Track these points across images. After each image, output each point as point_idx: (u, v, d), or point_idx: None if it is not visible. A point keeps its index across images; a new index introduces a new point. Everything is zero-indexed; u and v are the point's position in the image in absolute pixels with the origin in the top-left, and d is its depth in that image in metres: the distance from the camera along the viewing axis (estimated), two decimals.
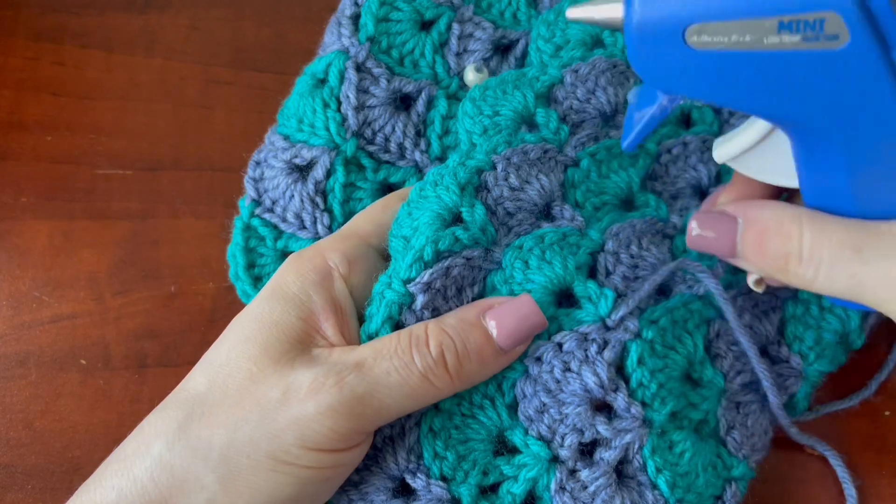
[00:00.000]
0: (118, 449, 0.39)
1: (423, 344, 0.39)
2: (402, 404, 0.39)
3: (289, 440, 0.37)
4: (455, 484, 0.41)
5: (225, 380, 0.39)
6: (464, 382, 0.40)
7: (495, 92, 0.49)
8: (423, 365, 0.38)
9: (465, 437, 0.42)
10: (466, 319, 0.41)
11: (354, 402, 0.37)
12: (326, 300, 0.41)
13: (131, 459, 0.38)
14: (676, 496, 0.42)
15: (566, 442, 0.42)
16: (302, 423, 0.37)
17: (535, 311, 0.41)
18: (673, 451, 0.43)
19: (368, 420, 0.38)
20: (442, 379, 0.39)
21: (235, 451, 0.37)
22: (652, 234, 0.47)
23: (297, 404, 0.37)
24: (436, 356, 0.39)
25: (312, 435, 0.37)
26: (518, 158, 0.46)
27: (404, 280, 0.41)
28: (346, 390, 0.37)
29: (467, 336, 0.40)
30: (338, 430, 0.37)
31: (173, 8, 0.62)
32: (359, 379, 0.38)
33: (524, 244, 0.44)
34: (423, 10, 0.53)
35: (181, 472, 0.37)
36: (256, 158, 0.52)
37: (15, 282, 0.54)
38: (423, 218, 0.43)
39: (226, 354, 0.40)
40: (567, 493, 0.41)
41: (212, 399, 0.38)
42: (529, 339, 0.42)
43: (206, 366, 0.41)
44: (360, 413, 0.37)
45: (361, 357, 0.39)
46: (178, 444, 0.37)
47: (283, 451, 0.37)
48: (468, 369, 0.40)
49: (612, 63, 0.51)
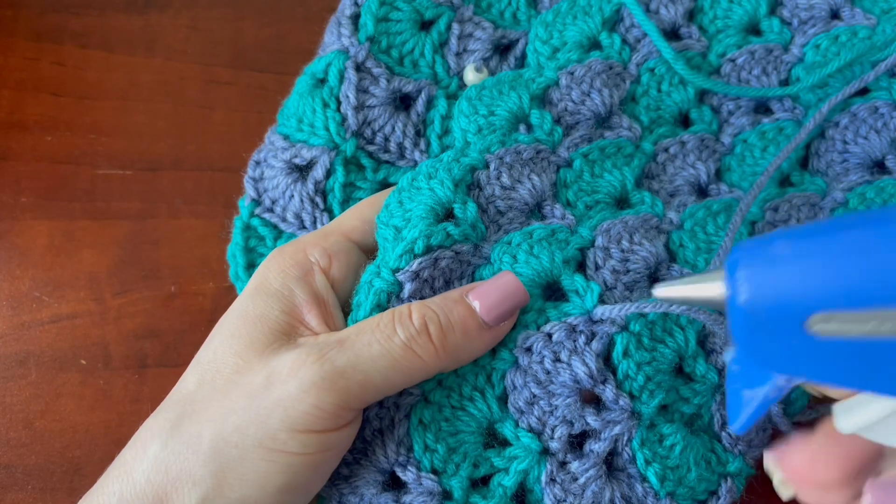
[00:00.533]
0: (119, 456, 0.39)
1: (405, 317, 0.39)
2: (387, 377, 0.38)
3: (275, 424, 0.36)
4: (446, 477, 0.41)
5: (213, 376, 0.39)
6: (449, 354, 0.40)
7: (491, 92, 0.49)
8: (405, 335, 0.38)
9: (456, 430, 0.42)
10: (449, 297, 0.41)
11: (336, 375, 0.37)
12: (308, 293, 0.41)
13: (130, 464, 0.38)
14: (667, 489, 0.42)
15: (556, 434, 0.42)
16: (286, 403, 0.37)
17: (516, 285, 0.41)
18: (663, 444, 0.43)
19: (353, 395, 0.37)
20: (426, 349, 0.39)
21: (224, 442, 0.37)
22: (645, 229, 0.47)
23: (280, 385, 0.37)
24: (419, 326, 0.39)
25: (297, 415, 0.36)
26: (511, 158, 0.46)
27: (393, 269, 0.42)
28: (327, 365, 0.37)
29: (451, 310, 0.40)
30: (322, 406, 0.37)
31: (173, 8, 0.62)
32: (339, 352, 0.38)
33: (513, 239, 0.44)
34: (423, 9, 0.53)
35: (175, 471, 0.37)
36: (256, 158, 0.52)
37: (15, 282, 0.54)
38: (416, 210, 0.43)
39: (213, 352, 0.40)
40: (557, 485, 0.41)
41: (201, 395, 0.39)
42: (513, 314, 0.42)
43: (195, 365, 0.41)
44: (344, 387, 0.37)
45: (344, 335, 0.39)
46: (171, 443, 0.37)
47: (270, 437, 0.36)
48: (452, 340, 0.39)
49: (607, 65, 0.51)
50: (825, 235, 0.28)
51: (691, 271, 0.46)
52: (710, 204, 0.48)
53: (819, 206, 0.50)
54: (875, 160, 0.50)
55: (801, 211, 0.49)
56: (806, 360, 0.29)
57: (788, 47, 0.53)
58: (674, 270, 0.46)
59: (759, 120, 0.52)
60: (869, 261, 0.26)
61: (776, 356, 0.29)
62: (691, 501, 0.43)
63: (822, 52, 0.52)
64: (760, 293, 0.28)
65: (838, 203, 0.49)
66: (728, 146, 0.52)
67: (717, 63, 0.54)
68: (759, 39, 0.54)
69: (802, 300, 0.27)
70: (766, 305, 0.28)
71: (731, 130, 0.52)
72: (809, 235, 0.28)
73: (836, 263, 0.27)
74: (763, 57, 0.53)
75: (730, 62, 0.53)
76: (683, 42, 0.53)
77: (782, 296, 0.28)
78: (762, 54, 0.53)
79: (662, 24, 0.53)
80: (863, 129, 0.50)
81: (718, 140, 0.52)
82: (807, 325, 0.27)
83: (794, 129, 0.51)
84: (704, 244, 0.47)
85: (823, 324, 0.27)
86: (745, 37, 0.54)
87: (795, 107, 0.52)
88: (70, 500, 0.49)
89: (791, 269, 0.28)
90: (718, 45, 0.54)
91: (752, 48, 0.53)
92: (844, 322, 0.27)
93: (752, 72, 0.53)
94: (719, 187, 0.51)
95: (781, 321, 0.28)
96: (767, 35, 0.54)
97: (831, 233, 0.28)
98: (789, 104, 0.52)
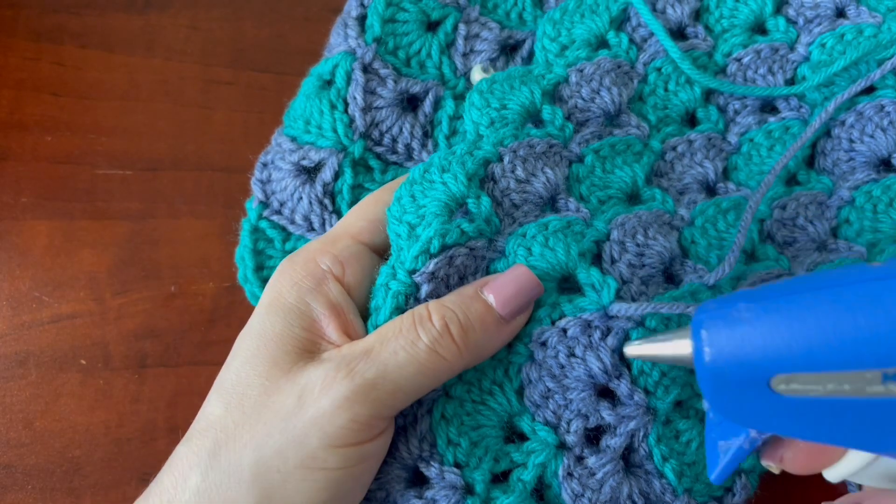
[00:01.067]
0: (154, 483, 0.39)
1: (426, 320, 0.39)
2: (416, 381, 0.38)
3: (313, 443, 0.36)
4: (469, 470, 0.41)
5: (240, 399, 0.39)
6: (472, 352, 0.40)
7: (503, 86, 0.49)
8: (428, 339, 0.38)
9: (477, 424, 0.42)
10: (465, 294, 0.41)
11: (368, 387, 0.37)
12: (325, 305, 0.41)
13: (171, 493, 0.37)
14: (684, 485, 0.42)
15: (572, 427, 0.42)
16: (322, 421, 0.37)
17: (529, 277, 0.42)
18: (679, 441, 0.43)
19: (385, 404, 0.38)
20: (449, 349, 0.39)
21: (265, 467, 0.36)
22: (659, 224, 0.47)
23: (313, 403, 0.37)
24: (440, 328, 0.39)
25: (334, 430, 0.36)
26: (524, 151, 0.46)
27: (409, 271, 0.42)
28: (358, 378, 0.37)
29: (468, 307, 0.40)
30: (357, 419, 0.37)
31: (173, 8, 0.62)
32: (368, 364, 0.38)
33: (527, 231, 0.44)
34: (430, 10, 0.54)
35: (219, 500, 0.37)
36: (263, 160, 0.52)
37: (15, 282, 0.54)
38: (430, 206, 0.43)
39: (235, 375, 0.40)
40: (575, 480, 0.41)
41: (233, 421, 0.38)
42: (528, 306, 0.42)
43: (218, 390, 0.40)
44: (376, 398, 0.37)
45: (368, 345, 0.39)
46: (212, 473, 0.37)
47: (310, 457, 0.36)
48: (473, 338, 0.40)
49: (616, 63, 0.51)
50: (783, 299, 0.29)
51: (704, 268, 0.46)
52: (719, 201, 0.49)
53: (826, 204, 0.50)
54: (881, 158, 0.51)
55: (808, 209, 0.50)
56: (772, 416, 0.30)
57: (794, 46, 0.54)
58: (687, 266, 0.46)
59: (765, 119, 0.53)
60: (823, 326, 0.27)
61: (743, 412, 0.31)
62: (708, 497, 0.44)
63: (828, 50, 0.52)
64: (723, 354, 0.30)
65: (845, 201, 0.50)
66: (735, 145, 0.52)
67: (723, 62, 0.54)
68: (765, 39, 0.54)
69: (763, 362, 0.29)
70: (729, 366, 0.29)
71: (737, 129, 0.53)
72: (769, 298, 0.30)
73: (794, 328, 0.28)
74: (769, 56, 0.53)
75: (736, 61, 0.54)
76: (690, 42, 0.53)
77: (744, 357, 0.29)
78: (768, 53, 0.53)
79: (669, 23, 0.54)
80: (869, 127, 0.50)
81: (725, 139, 0.52)
82: (770, 384, 0.29)
83: (801, 127, 0.51)
84: (716, 240, 0.47)
85: (785, 384, 0.29)
86: (751, 36, 0.54)
87: (801, 106, 0.52)
88: (70, 500, 0.49)
89: (751, 332, 0.29)
90: (724, 45, 0.54)
91: (758, 47, 0.54)
92: (805, 383, 0.28)
93: (758, 71, 0.53)
94: (727, 186, 0.51)
95: (745, 380, 0.29)
96: (773, 34, 0.54)
97: (789, 296, 0.29)
98: (795, 103, 0.53)
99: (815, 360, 0.28)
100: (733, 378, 0.30)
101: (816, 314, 0.28)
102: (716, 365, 0.30)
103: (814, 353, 0.28)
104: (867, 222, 0.49)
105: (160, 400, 0.51)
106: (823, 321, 0.28)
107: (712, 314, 0.31)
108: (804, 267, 0.47)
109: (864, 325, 0.27)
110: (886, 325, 0.26)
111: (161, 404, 0.51)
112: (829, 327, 0.27)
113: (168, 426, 0.51)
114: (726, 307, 0.31)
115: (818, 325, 0.28)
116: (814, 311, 0.28)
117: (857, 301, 0.27)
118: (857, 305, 0.27)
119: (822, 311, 0.28)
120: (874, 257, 0.48)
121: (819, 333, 0.28)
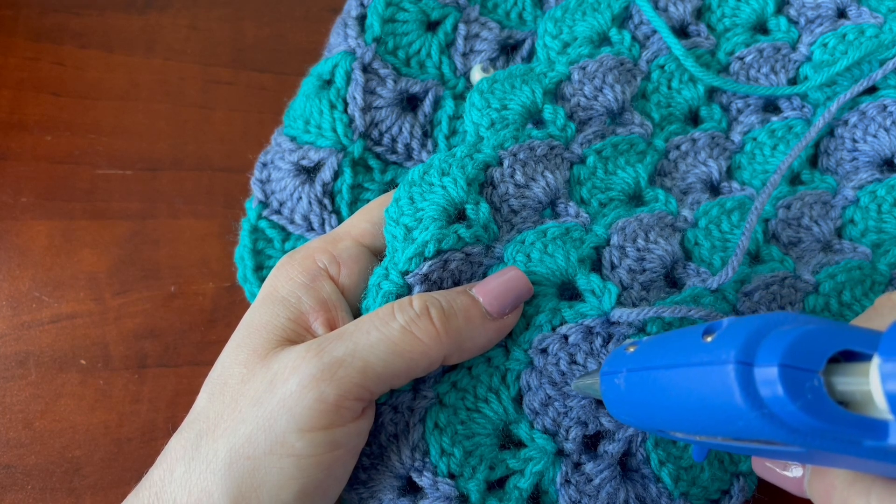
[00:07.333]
0: (146, 477, 0.39)
1: (405, 304, 0.39)
2: (387, 361, 0.38)
3: (282, 426, 0.36)
4: (463, 480, 0.41)
5: (221, 389, 0.39)
6: (452, 339, 0.39)
7: (503, 85, 0.49)
8: (404, 319, 0.38)
9: (472, 432, 0.42)
10: (452, 290, 0.41)
11: (335, 365, 0.37)
12: (316, 300, 0.41)
13: (159, 485, 0.38)
14: (681, 489, 0.42)
15: (571, 435, 0.42)
16: (289, 402, 0.36)
17: (519, 277, 0.42)
18: (677, 445, 0.43)
19: (354, 383, 0.37)
20: (427, 331, 0.38)
21: (237, 455, 0.37)
22: (660, 227, 0.47)
23: (282, 385, 0.37)
24: (419, 310, 0.39)
25: (301, 412, 0.36)
26: (525, 155, 0.46)
27: (402, 272, 0.41)
28: (326, 356, 0.37)
29: (453, 298, 0.40)
30: (324, 398, 0.36)
31: (173, 8, 0.62)
32: (338, 343, 0.37)
33: (526, 238, 0.44)
34: (430, 10, 0.53)
35: (197, 491, 0.37)
36: (263, 160, 0.52)
37: (15, 282, 0.54)
38: (428, 210, 0.43)
39: (221, 365, 0.40)
40: (573, 487, 0.41)
41: (214, 411, 0.38)
42: (517, 305, 0.42)
43: (207, 382, 0.41)
44: (344, 376, 0.37)
45: (343, 328, 0.39)
46: (193, 463, 0.37)
47: (279, 442, 0.36)
48: (455, 324, 0.39)
49: (618, 61, 0.51)
50: (646, 373, 0.32)
51: (707, 271, 0.46)
52: (723, 202, 0.49)
53: (830, 203, 0.50)
54: (885, 158, 0.51)
55: (813, 209, 0.49)
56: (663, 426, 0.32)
57: (796, 46, 0.54)
58: (690, 269, 0.46)
59: (768, 118, 0.53)
60: (676, 401, 0.29)
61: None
62: (704, 501, 0.43)
63: (830, 50, 0.52)
64: (614, 408, 0.34)
65: (849, 201, 0.50)
66: (738, 144, 0.52)
67: (725, 61, 0.54)
68: (767, 38, 0.54)
69: (640, 422, 0.33)
70: (622, 419, 0.34)
71: (740, 128, 0.52)
72: (637, 370, 0.33)
73: (651, 402, 0.31)
74: (771, 55, 0.53)
75: (738, 60, 0.54)
76: (692, 40, 0.53)
77: (629, 418, 0.34)
78: (770, 53, 0.53)
79: (671, 21, 0.54)
80: (872, 127, 0.50)
81: (728, 138, 0.52)
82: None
83: (804, 127, 0.51)
84: (720, 242, 0.47)
85: (675, 434, 0.32)
86: (753, 35, 0.54)
87: (804, 105, 0.52)
88: (70, 500, 0.49)
89: (627, 399, 0.33)
90: (727, 44, 0.54)
91: (761, 46, 0.53)
92: (688, 436, 0.31)
93: (761, 70, 0.53)
94: (731, 185, 0.51)
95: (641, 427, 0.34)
96: (775, 34, 0.54)
97: (649, 371, 0.32)
98: (798, 102, 0.52)
99: (678, 426, 0.30)
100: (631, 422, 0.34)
101: (669, 386, 0.30)
102: (614, 413, 0.35)
103: (672, 420, 0.30)
104: (872, 222, 0.49)
105: (160, 400, 0.51)
106: (672, 396, 0.30)
107: (606, 373, 0.35)
108: (809, 269, 0.47)
109: (697, 404, 0.28)
110: (711, 406, 0.27)
111: (161, 404, 0.51)
112: (678, 400, 0.29)
113: (168, 426, 0.51)
114: (614, 369, 0.34)
115: (670, 398, 0.30)
116: (667, 384, 0.30)
117: (692, 384, 0.28)
118: (693, 387, 0.28)
119: (669, 383, 0.30)
120: (878, 258, 0.48)
121: (672, 404, 0.30)
